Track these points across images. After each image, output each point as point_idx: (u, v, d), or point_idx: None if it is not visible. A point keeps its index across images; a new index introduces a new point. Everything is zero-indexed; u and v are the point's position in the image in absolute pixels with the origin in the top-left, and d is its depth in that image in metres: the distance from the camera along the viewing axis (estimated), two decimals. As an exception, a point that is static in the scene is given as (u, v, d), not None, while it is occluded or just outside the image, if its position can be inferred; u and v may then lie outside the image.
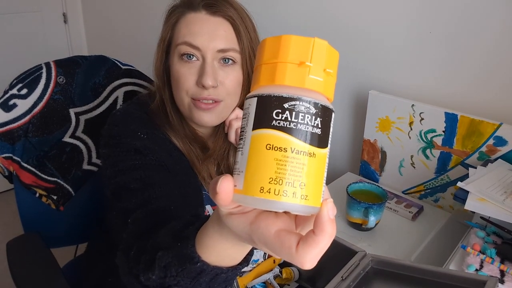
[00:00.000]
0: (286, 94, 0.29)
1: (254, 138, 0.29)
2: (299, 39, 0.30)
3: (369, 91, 1.17)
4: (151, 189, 0.62)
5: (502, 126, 0.95)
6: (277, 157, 0.28)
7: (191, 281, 0.42)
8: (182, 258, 0.42)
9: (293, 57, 0.29)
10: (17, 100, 0.92)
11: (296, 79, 0.29)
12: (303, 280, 0.89)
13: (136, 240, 0.53)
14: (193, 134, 0.79)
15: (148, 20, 1.89)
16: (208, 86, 0.69)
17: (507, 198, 0.80)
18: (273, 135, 0.29)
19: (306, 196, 0.29)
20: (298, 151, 0.29)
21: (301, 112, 0.29)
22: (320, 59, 0.30)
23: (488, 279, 0.61)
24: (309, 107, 0.29)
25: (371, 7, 1.17)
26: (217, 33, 0.70)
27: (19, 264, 0.85)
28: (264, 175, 0.28)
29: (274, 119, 0.29)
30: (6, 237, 0.92)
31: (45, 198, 0.99)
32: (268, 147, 0.29)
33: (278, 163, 0.28)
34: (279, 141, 0.29)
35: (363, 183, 1.04)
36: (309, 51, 0.29)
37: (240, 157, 0.30)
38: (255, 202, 0.29)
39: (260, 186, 0.28)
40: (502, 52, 0.98)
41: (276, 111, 0.29)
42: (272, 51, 0.30)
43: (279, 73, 0.30)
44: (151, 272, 0.46)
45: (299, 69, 0.29)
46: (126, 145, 0.69)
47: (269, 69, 0.30)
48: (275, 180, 0.28)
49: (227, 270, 0.41)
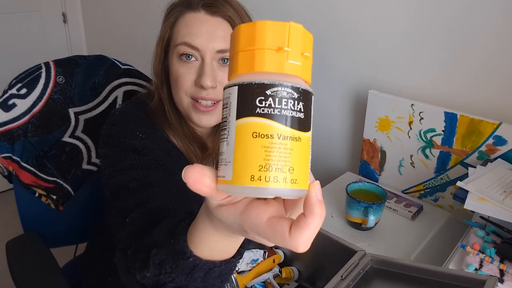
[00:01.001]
0: (268, 81, 0.29)
1: (238, 127, 0.29)
2: (275, 24, 0.29)
3: (369, 91, 1.17)
4: (150, 188, 0.62)
5: (502, 125, 0.95)
6: (264, 144, 0.29)
7: (185, 277, 0.42)
8: (175, 254, 0.42)
9: (271, 43, 0.29)
10: (16, 99, 0.92)
11: (276, 65, 0.29)
12: (302, 280, 0.89)
13: (134, 239, 0.53)
14: (191, 133, 0.79)
15: (147, 20, 1.89)
16: (207, 86, 0.69)
17: (506, 198, 0.80)
18: (258, 123, 0.29)
19: (295, 180, 0.29)
20: (284, 137, 0.29)
21: (283, 98, 0.29)
22: (297, 43, 0.30)
23: (487, 279, 0.61)
24: (291, 92, 0.29)
25: (370, 7, 1.17)
26: (216, 34, 0.70)
27: (18, 263, 0.85)
28: (253, 163, 0.29)
29: (258, 107, 0.29)
30: (6, 237, 0.92)
31: (45, 198, 0.99)
32: (254, 135, 0.29)
33: (266, 150, 0.29)
34: (264, 128, 0.29)
35: (362, 183, 1.04)
36: (285, 35, 0.29)
37: (225, 148, 0.30)
38: (246, 191, 0.29)
39: (250, 174, 0.29)
40: (502, 51, 0.98)
41: (259, 99, 0.29)
42: (248, 38, 0.30)
43: (258, 60, 0.29)
44: (146, 270, 0.46)
45: (277, 54, 0.29)
46: (124, 144, 0.69)
47: (247, 57, 0.30)
48: (265, 167, 0.28)
49: (221, 264, 0.41)
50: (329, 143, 1.39)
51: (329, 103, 1.34)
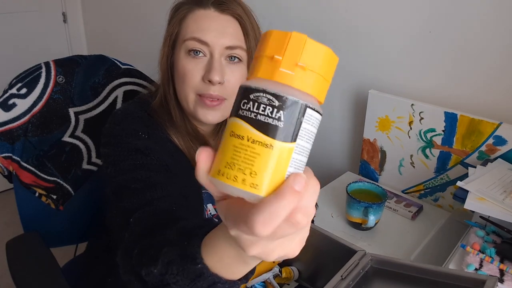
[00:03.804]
0: (254, 86, 0.30)
1: (227, 124, 0.31)
2: (277, 34, 0.30)
3: (369, 91, 1.17)
4: (153, 189, 0.62)
5: (502, 125, 0.95)
6: (234, 144, 0.30)
7: (189, 283, 0.42)
8: (185, 257, 0.42)
9: (269, 51, 0.30)
10: (16, 99, 0.92)
11: (266, 72, 0.30)
12: (302, 280, 0.89)
13: (138, 239, 0.53)
14: (194, 132, 0.78)
15: (147, 20, 1.89)
16: (215, 81, 0.69)
17: (506, 198, 0.80)
18: (236, 123, 0.30)
19: (255, 184, 0.29)
20: (253, 140, 0.29)
21: (262, 104, 0.29)
22: (294, 53, 0.30)
23: (487, 278, 0.61)
24: (271, 99, 0.29)
25: (370, 7, 1.17)
26: (226, 30, 0.70)
27: (18, 263, 0.85)
28: (222, 159, 0.30)
29: (241, 109, 0.30)
30: (6, 236, 0.92)
31: (45, 197, 0.99)
32: (231, 134, 0.30)
33: (235, 149, 0.30)
34: (238, 129, 0.30)
35: (362, 183, 1.04)
36: (283, 45, 0.30)
37: None
38: (216, 183, 0.31)
39: (218, 169, 0.30)
40: (502, 51, 0.98)
41: (243, 101, 0.30)
42: (259, 45, 0.32)
43: (256, 66, 0.31)
44: (153, 266, 0.46)
45: (269, 62, 0.30)
46: (127, 144, 0.69)
47: (253, 63, 0.32)
48: (229, 165, 0.30)
49: (225, 282, 0.40)
50: (329, 143, 1.39)
51: (329, 103, 1.34)
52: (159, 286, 0.46)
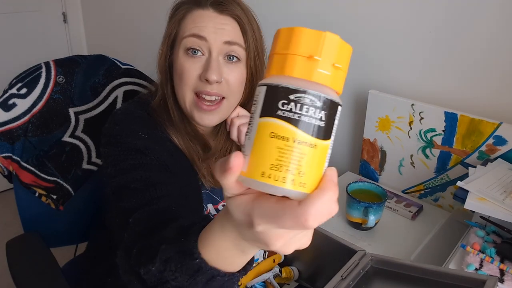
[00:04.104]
0: (293, 86, 0.30)
1: (260, 125, 0.31)
2: (311, 32, 0.30)
3: (369, 91, 1.17)
4: (152, 189, 0.62)
5: (502, 125, 0.95)
6: (279, 145, 0.30)
7: (188, 279, 0.42)
8: (183, 253, 0.42)
9: (303, 50, 0.30)
10: (16, 99, 0.92)
11: (304, 72, 0.30)
12: (302, 280, 0.89)
13: (138, 239, 0.53)
14: (193, 131, 0.78)
15: (147, 20, 1.89)
16: (212, 80, 0.69)
17: (506, 198, 0.80)
18: (277, 124, 0.30)
19: (304, 183, 0.31)
20: (299, 141, 0.30)
21: (305, 105, 0.30)
22: (329, 54, 0.31)
23: (487, 278, 0.61)
24: (314, 100, 0.30)
25: (370, 7, 1.17)
26: (224, 28, 0.70)
27: (18, 263, 0.85)
28: (266, 161, 0.30)
29: (280, 109, 0.30)
30: (6, 236, 0.92)
31: (45, 197, 0.99)
32: (271, 135, 0.30)
33: (280, 151, 0.30)
34: (282, 130, 0.30)
35: (362, 183, 1.04)
36: (319, 45, 0.30)
37: (247, 141, 0.32)
38: (257, 185, 0.31)
39: (262, 171, 0.30)
40: (502, 51, 0.98)
41: (282, 102, 0.30)
42: (285, 42, 0.31)
43: (289, 65, 0.31)
44: (151, 264, 0.46)
45: (307, 62, 0.30)
46: (127, 144, 0.69)
47: (280, 60, 0.31)
48: (276, 167, 0.30)
49: (224, 274, 0.41)
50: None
51: (329, 103, 1.34)
52: (158, 284, 0.46)
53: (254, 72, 0.75)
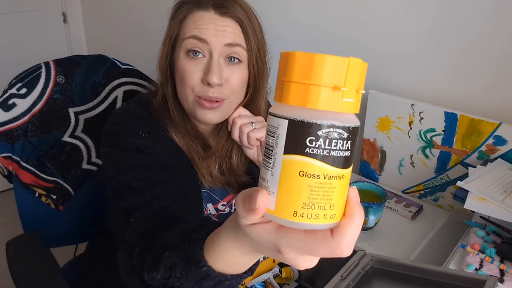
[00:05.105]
0: (321, 122, 0.29)
1: (286, 162, 0.30)
2: (334, 60, 0.29)
3: (369, 91, 1.17)
4: (153, 188, 0.62)
5: (502, 125, 0.95)
6: (310, 183, 0.29)
7: (194, 284, 0.42)
8: (188, 260, 0.42)
9: (327, 80, 0.29)
10: (16, 99, 0.92)
11: (330, 104, 0.29)
12: (302, 280, 0.89)
13: (139, 239, 0.53)
14: (194, 131, 0.78)
15: (148, 20, 1.89)
16: (213, 84, 0.69)
17: (506, 198, 0.80)
18: (306, 162, 0.29)
19: (334, 215, 0.30)
20: (330, 177, 0.29)
21: (334, 139, 0.29)
22: (353, 81, 0.29)
23: (487, 279, 0.61)
24: (341, 133, 0.29)
25: (370, 7, 1.17)
26: (225, 29, 0.70)
27: (18, 263, 0.85)
28: (297, 200, 0.29)
29: (308, 147, 0.29)
30: (6, 236, 0.92)
31: (45, 197, 0.99)
32: (301, 173, 0.29)
33: (311, 189, 0.29)
34: (312, 168, 0.29)
35: (362, 183, 1.04)
36: (343, 74, 0.29)
37: (270, 177, 0.31)
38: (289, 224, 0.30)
39: (293, 210, 0.30)
40: (502, 51, 0.98)
41: (310, 139, 0.29)
42: (305, 70, 0.29)
43: (312, 97, 0.29)
44: (156, 271, 0.46)
45: (333, 93, 0.29)
46: (127, 144, 0.69)
47: (300, 90, 0.29)
48: (308, 205, 0.29)
49: (231, 277, 0.41)
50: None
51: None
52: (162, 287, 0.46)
53: (256, 72, 0.75)
